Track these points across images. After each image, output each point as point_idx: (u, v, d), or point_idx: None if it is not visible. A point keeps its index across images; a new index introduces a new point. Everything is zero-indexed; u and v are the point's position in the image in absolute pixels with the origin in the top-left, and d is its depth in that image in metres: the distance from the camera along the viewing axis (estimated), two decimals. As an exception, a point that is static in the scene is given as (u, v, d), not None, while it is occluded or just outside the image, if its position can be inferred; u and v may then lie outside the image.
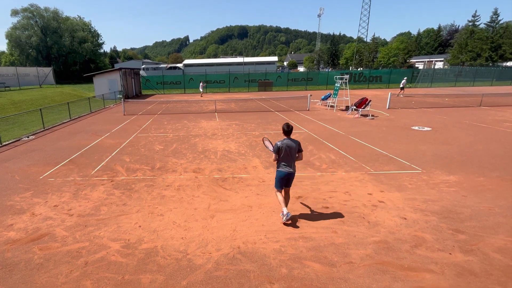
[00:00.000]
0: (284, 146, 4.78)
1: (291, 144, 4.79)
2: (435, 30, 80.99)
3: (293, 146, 4.79)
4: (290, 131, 4.83)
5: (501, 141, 9.97)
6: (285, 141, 4.82)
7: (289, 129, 4.81)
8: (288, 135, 4.86)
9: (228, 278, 3.73)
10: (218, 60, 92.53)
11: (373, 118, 15.02)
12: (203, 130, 13.14)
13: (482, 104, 18.94)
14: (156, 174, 7.61)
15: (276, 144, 4.86)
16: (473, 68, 42.22)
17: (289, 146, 4.78)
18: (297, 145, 4.85)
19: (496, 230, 4.66)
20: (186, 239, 4.63)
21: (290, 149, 4.78)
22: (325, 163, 8.15)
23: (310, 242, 4.47)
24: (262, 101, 23.67)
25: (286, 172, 4.88)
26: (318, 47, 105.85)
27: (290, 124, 4.85)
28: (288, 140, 4.82)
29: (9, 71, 30.18)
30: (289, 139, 4.84)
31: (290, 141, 4.82)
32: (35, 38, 55.18)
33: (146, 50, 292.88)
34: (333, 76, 28.38)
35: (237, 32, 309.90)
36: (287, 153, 4.80)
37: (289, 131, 4.82)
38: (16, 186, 6.96)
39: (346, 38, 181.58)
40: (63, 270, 3.97)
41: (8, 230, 5.03)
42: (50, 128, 14.21)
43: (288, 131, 4.82)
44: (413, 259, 4.01)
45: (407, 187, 6.41)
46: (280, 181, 4.97)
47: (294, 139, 4.89)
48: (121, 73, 28.50)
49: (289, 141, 4.81)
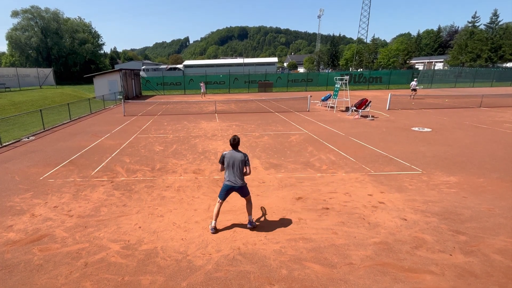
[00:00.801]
0: (228, 156, 4.70)
1: (235, 156, 4.67)
2: (435, 31, 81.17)
3: (237, 157, 4.66)
4: (236, 144, 4.74)
5: (501, 142, 9.97)
6: (231, 152, 4.74)
7: (235, 142, 4.72)
8: (235, 148, 4.76)
9: (228, 279, 3.72)
10: (218, 61, 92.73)
11: (373, 119, 15.02)
12: (203, 131, 13.14)
13: (482, 105, 18.95)
14: (156, 175, 7.60)
15: (222, 154, 4.80)
16: (473, 69, 42.26)
17: (233, 158, 4.67)
18: (243, 158, 4.68)
19: (496, 231, 4.66)
20: (186, 240, 4.63)
21: (234, 160, 4.66)
22: (325, 164, 8.15)
23: (310, 243, 4.47)
24: (262, 102, 23.68)
25: (229, 186, 4.75)
26: (318, 48, 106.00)
27: (237, 137, 4.77)
28: (233, 151, 4.73)
29: (9, 72, 30.18)
30: (235, 151, 4.75)
31: (235, 152, 4.72)
32: (35, 39, 55.24)
33: (146, 51, 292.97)
34: (333, 77, 28.40)
35: (237, 33, 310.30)
36: (231, 165, 4.68)
37: (235, 144, 4.72)
38: (16, 187, 6.95)
39: (346, 39, 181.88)
40: (63, 271, 3.96)
41: (8, 231, 5.02)
42: (50, 129, 14.21)
43: (234, 144, 4.72)
44: (414, 260, 4.00)
45: (407, 188, 6.40)
46: (224, 193, 4.83)
47: (242, 152, 4.75)
48: (121, 74, 28.53)
49: (234, 152, 4.72)
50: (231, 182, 4.73)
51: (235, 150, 4.77)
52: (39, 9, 57.24)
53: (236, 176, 4.71)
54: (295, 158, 8.73)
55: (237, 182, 4.71)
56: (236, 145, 4.77)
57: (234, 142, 4.74)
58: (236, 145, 4.76)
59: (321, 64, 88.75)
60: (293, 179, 7.11)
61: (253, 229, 4.89)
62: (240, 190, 4.80)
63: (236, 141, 4.75)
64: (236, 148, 4.78)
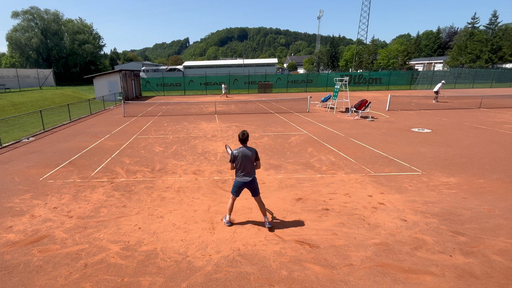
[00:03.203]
0: (239, 154, 4.72)
1: (247, 153, 4.72)
2: (434, 32, 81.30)
3: (248, 154, 4.72)
4: (245, 139, 4.77)
5: (501, 143, 9.97)
6: (241, 149, 4.76)
7: (244, 137, 4.75)
8: (244, 143, 4.80)
9: (228, 280, 3.72)
10: (218, 62, 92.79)
11: (373, 120, 15.03)
12: (203, 131, 13.14)
13: (482, 106, 18.97)
14: (156, 176, 7.60)
15: (232, 153, 4.78)
16: (473, 70, 42.28)
17: (245, 155, 4.72)
18: (254, 153, 4.78)
19: (496, 232, 4.65)
20: (186, 241, 4.62)
21: (246, 157, 4.72)
22: (325, 165, 8.15)
23: (310, 244, 4.46)
24: (262, 103, 23.69)
25: (242, 182, 4.82)
26: (318, 49, 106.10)
27: (246, 132, 4.80)
28: (244, 149, 4.77)
29: (10, 73, 30.19)
30: (245, 147, 4.79)
31: (246, 149, 4.76)
32: (35, 40, 55.34)
33: (146, 52, 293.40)
34: (332, 78, 28.45)
35: (237, 34, 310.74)
36: (243, 162, 4.73)
37: (244, 139, 4.76)
38: (16, 188, 6.95)
39: (345, 40, 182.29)
40: (62, 272, 3.96)
41: (8, 232, 5.01)
42: (50, 130, 14.21)
43: (243, 139, 4.76)
44: (414, 261, 4.00)
45: (407, 189, 6.40)
46: (236, 189, 4.93)
47: (251, 147, 4.84)
48: (121, 75, 28.55)
49: (245, 150, 4.75)
50: (246, 177, 4.80)
51: (245, 145, 4.81)
52: (39, 10, 57.41)
53: (249, 172, 4.80)
54: (295, 159, 8.73)
55: (252, 177, 4.83)
56: (246, 140, 4.79)
57: (243, 137, 4.76)
58: (245, 140, 4.79)
59: (321, 65, 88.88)
60: (293, 180, 7.11)
61: (272, 229, 4.89)
62: (252, 184, 4.85)
63: (245, 136, 4.77)
64: (245, 143, 4.82)
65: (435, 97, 22.53)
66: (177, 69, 76.52)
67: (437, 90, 22.39)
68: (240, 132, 4.79)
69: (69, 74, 59.10)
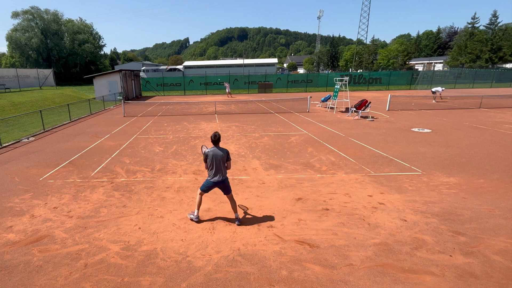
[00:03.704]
0: (210, 154, 4.85)
1: (218, 153, 4.86)
2: (434, 32, 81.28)
3: (219, 154, 4.85)
4: (217, 141, 4.92)
5: (501, 143, 9.97)
6: (213, 149, 4.89)
7: (216, 139, 4.90)
8: (216, 144, 4.93)
9: (228, 280, 3.72)
10: (218, 62, 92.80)
11: (373, 120, 15.03)
12: (203, 131, 13.14)
13: (482, 106, 18.97)
14: (156, 175, 7.60)
15: (204, 152, 4.94)
16: (473, 70, 42.29)
17: (216, 155, 4.84)
18: (225, 154, 4.91)
19: (496, 232, 4.65)
20: (186, 241, 4.62)
21: (217, 157, 4.84)
22: (325, 165, 8.15)
23: (310, 244, 4.46)
24: (262, 103, 23.69)
25: (212, 182, 4.97)
26: (318, 49, 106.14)
27: (218, 133, 4.92)
28: (215, 149, 4.89)
29: (10, 73, 30.18)
30: (217, 147, 4.91)
31: (217, 149, 4.88)
32: (35, 40, 55.29)
33: (146, 52, 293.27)
34: (332, 78, 28.45)
35: (237, 34, 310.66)
36: (214, 162, 4.86)
37: (216, 140, 4.90)
38: (16, 188, 6.95)
39: (345, 40, 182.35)
40: (62, 272, 3.96)
41: (8, 232, 5.02)
42: (50, 130, 14.21)
43: (215, 141, 4.91)
44: (414, 261, 4.00)
45: (407, 189, 6.40)
46: (206, 188, 5.11)
47: (223, 148, 4.97)
48: (121, 74, 28.55)
49: (216, 150, 4.87)
50: (216, 177, 4.94)
51: (217, 146, 4.94)
52: (39, 10, 57.36)
53: (221, 172, 4.93)
54: (295, 159, 8.73)
55: (221, 177, 4.95)
56: (218, 141, 4.94)
57: (215, 138, 4.92)
58: (217, 141, 4.94)
59: (321, 65, 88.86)
60: (293, 180, 7.11)
61: (240, 225, 5.03)
62: (223, 184, 4.99)
63: (217, 138, 4.93)
64: (217, 145, 4.95)
65: (434, 97, 22.93)
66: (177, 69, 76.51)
67: (434, 91, 22.76)
68: (212, 134, 4.93)
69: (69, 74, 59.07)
